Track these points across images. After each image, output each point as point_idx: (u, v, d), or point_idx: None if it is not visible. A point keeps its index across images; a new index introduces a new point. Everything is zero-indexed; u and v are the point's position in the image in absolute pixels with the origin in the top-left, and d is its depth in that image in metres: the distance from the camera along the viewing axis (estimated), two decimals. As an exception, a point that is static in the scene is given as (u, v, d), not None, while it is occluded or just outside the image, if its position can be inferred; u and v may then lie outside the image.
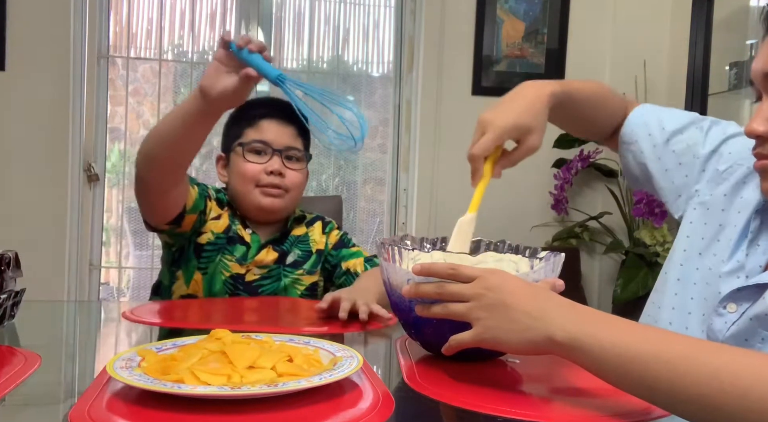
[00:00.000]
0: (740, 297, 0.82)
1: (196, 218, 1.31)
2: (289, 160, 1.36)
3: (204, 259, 1.33)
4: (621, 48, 2.95)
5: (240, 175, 1.35)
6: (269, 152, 1.34)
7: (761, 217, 0.86)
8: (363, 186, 3.00)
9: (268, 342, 0.76)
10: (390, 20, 2.93)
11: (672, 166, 1.00)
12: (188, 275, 1.34)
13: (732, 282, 0.84)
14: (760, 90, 0.79)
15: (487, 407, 0.64)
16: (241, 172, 1.34)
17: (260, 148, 1.34)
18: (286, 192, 1.35)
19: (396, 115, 2.93)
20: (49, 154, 2.47)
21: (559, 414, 0.64)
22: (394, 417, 0.61)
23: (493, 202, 2.96)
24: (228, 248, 1.34)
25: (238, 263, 1.34)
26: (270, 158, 1.34)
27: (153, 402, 0.60)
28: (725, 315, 0.83)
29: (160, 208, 1.26)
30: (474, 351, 0.73)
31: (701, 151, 0.98)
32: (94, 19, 2.59)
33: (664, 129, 1.02)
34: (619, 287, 2.65)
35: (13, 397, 0.64)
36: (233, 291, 1.34)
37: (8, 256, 0.93)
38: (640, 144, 1.04)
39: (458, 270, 0.73)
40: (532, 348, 0.67)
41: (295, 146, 1.37)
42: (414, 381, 0.72)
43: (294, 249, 1.40)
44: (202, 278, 1.33)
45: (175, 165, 1.20)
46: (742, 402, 0.55)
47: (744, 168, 0.92)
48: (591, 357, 0.63)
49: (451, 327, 0.73)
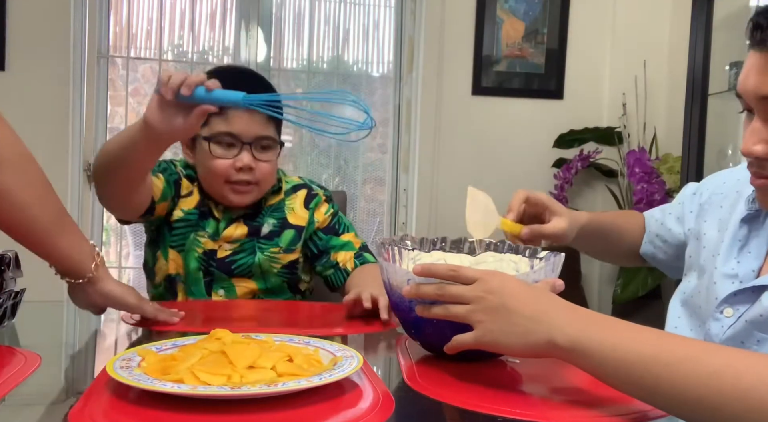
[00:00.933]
0: (736, 300, 0.83)
1: (169, 203, 1.28)
2: (260, 151, 1.27)
3: (177, 236, 1.29)
4: (621, 48, 2.95)
5: (207, 170, 1.27)
6: (238, 145, 1.25)
7: (748, 226, 0.88)
8: (363, 186, 3.00)
9: (268, 342, 0.76)
10: (390, 20, 2.93)
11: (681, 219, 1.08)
12: (165, 253, 1.31)
13: (727, 287, 0.86)
14: (748, 105, 0.79)
15: (487, 407, 0.64)
16: (208, 167, 1.26)
17: (229, 142, 1.25)
18: (256, 185, 1.28)
19: (396, 115, 2.93)
20: (49, 153, 2.47)
21: (559, 414, 0.64)
22: (394, 417, 0.61)
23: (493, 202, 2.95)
24: (200, 223, 1.31)
25: (211, 239, 1.30)
26: (239, 152, 1.25)
27: (153, 402, 0.60)
28: (722, 319, 0.84)
29: (126, 209, 1.23)
30: (474, 352, 0.73)
31: (687, 193, 1.07)
32: (94, 19, 2.59)
33: (663, 208, 1.12)
34: (619, 287, 2.65)
35: (13, 397, 0.64)
36: (206, 268, 1.30)
37: (8, 256, 0.93)
38: (652, 228, 1.12)
39: (459, 271, 0.73)
40: (532, 351, 0.67)
41: (265, 135, 1.27)
42: (414, 381, 0.72)
43: (267, 219, 1.34)
44: (178, 255, 1.30)
45: (129, 181, 1.14)
46: (743, 403, 0.55)
47: (719, 196, 0.98)
48: (592, 360, 0.63)
49: (452, 327, 0.73)
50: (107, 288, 0.94)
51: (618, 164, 2.81)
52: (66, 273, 0.92)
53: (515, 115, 2.91)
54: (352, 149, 2.97)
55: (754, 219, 0.88)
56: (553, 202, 1.03)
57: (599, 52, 2.98)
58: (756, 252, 0.86)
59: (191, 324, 1.03)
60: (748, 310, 0.81)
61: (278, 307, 1.25)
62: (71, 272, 0.92)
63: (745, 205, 0.89)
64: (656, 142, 2.80)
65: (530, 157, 2.87)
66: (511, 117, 2.91)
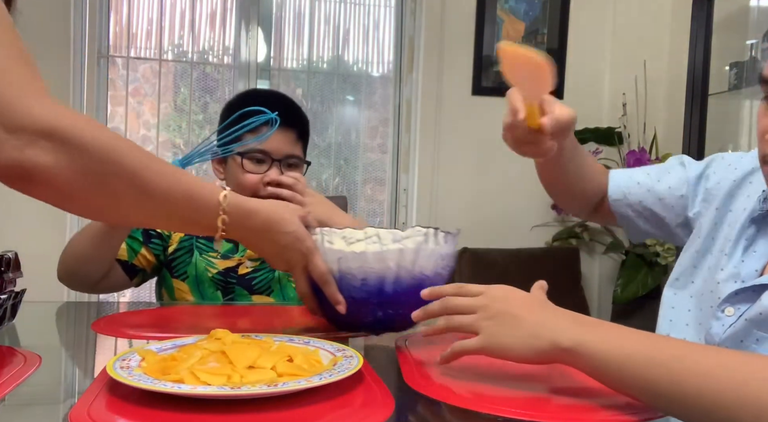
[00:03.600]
0: (738, 300, 0.83)
1: (160, 255, 1.33)
2: (287, 168, 1.34)
3: (178, 266, 1.33)
4: (621, 48, 2.95)
5: (237, 185, 1.32)
6: (268, 162, 1.32)
7: (757, 225, 0.88)
8: (363, 186, 3.00)
9: (268, 342, 0.76)
10: (390, 20, 2.93)
11: (671, 199, 1.05)
12: (171, 289, 1.33)
13: (729, 287, 0.85)
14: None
15: (487, 407, 0.64)
16: (238, 181, 1.32)
17: (260, 158, 1.32)
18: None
19: (396, 115, 2.93)
20: (49, 154, 2.47)
21: (559, 414, 0.64)
22: (394, 417, 0.61)
23: (493, 202, 2.97)
24: (205, 245, 1.33)
25: (224, 257, 1.33)
26: (269, 168, 1.32)
27: (153, 402, 0.60)
28: (723, 318, 0.84)
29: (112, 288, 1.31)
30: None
31: (691, 175, 1.03)
32: (94, 19, 2.59)
33: (650, 174, 1.08)
34: (619, 287, 2.65)
35: (13, 397, 0.64)
36: (225, 287, 1.32)
37: (8, 256, 0.93)
38: (633, 192, 1.08)
39: (464, 287, 0.75)
40: (536, 355, 0.68)
41: (294, 154, 1.35)
42: (414, 381, 0.72)
43: None
44: (185, 283, 1.32)
45: (97, 272, 1.23)
46: (740, 401, 0.56)
47: (729, 181, 0.96)
48: (594, 359, 0.64)
49: (366, 307, 0.85)
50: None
51: (618, 164, 2.82)
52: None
53: (515, 115, 2.91)
54: (353, 149, 2.97)
55: (764, 219, 0.87)
56: (547, 95, 0.92)
57: (599, 52, 2.98)
58: (761, 251, 0.86)
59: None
60: (749, 309, 0.81)
61: (270, 312, 1.25)
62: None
63: (758, 204, 0.88)
64: (656, 142, 2.81)
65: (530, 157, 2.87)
66: (511, 117, 2.91)
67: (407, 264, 0.85)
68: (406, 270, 0.85)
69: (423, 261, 0.86)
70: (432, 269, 0.87)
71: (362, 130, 2.98)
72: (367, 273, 0.84)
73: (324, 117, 2.90)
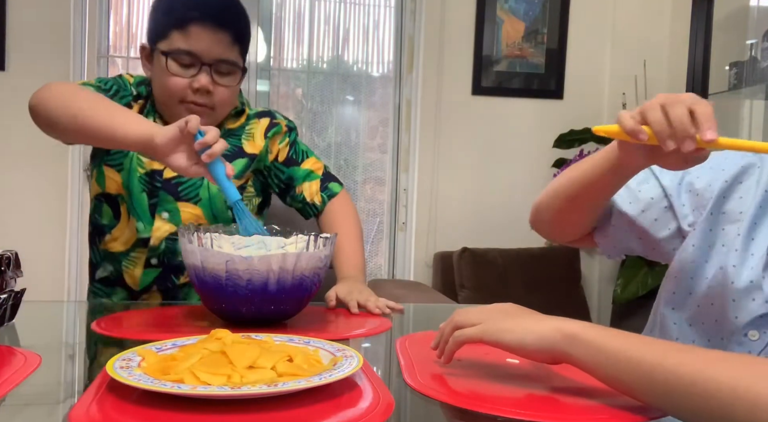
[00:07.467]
0: (763, 322, 0.80)
1: None
2: (220, 75, 1.19)
3: (116, 154, 1.22)
4: (621, 48, 2.95)
5: (162, 88, 1.19)
6: (197, 65, 1.16)
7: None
8: (363, 186, 3.00)
9: (268, 342, 0.76)
10: (390, 20, 2.93)
11: (657, 213, 0.95)
12: (101, 172, 1.23)
13: (748, 306, 0.81)
14: None
15: (487, 407, 0.64)
16: (163, 84, 1.18)
17: (188, 61, 1.16)
18: (212, 109, 1.20)
19: (396, 115, 2.93)
20: (49, 154, 2.47)
21: (559, 414, 0.64)
22: (394, 417, 0.61)
23: (493, 202, 2.97)
24: None
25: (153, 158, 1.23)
26: (198, 72, 1.16)
27: (153, 402, 0.60)
28: (746, 343, 0.81)
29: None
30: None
31: (670, 183, 0.94)
32: (94, 19, 2.59)
33: (629, 187, 0.96)
34: (619, 287, 2.65)
35: (13, 397, 0.64)
36: (151, 189, 1.22)
37: (8, 256, 0.93)
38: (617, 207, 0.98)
39: (460, 316, 0.75)
40: (537, 339, 0.68)
41: (228, 58, 1.18)
42: (414, 381, 0.72)
43: None
44: (117, 174, 1.22)
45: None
46: (735, 392, 0.56)
47: (720, 182, 0.89)
48: (593, 348, 0.64)
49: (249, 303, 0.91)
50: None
51: (618, 164, 2.82)
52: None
53: (515, 115, 2.91)
54: (352, 149, 2.97)
55: None
56: None
57: (599, 52, 2.99)
58: None
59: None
60: None
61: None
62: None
63: (745, 207, 0.85)
64: (656, 142, 2.81)
65: (530, 157, 2.87)
66: (511, 117, 2.91)
67: (288, 266, 0.93)
68: (287, 271, 0.93)
69: (303, 264, 0.94)
70: (311, 270, 0.96)
71: (362, 130, 2.98)
72: (252, 275, 0.91)
73: (324, 117, 2.90)
